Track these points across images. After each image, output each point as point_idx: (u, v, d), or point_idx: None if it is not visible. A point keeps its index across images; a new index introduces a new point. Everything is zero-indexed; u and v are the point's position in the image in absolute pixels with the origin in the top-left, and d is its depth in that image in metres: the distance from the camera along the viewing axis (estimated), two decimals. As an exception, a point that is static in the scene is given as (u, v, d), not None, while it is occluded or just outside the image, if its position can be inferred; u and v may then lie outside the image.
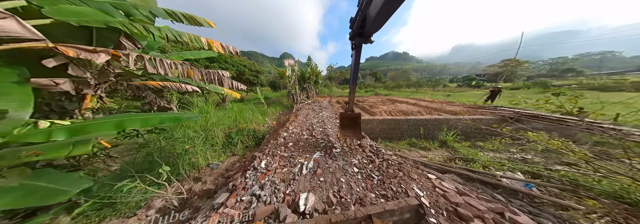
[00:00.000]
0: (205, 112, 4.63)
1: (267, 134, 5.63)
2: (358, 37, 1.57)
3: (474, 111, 6.31)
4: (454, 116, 5.71)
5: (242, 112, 6.07)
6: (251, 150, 4.29)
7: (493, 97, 8.33)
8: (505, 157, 3.57)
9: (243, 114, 5.84)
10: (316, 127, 4.09)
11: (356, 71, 1.98)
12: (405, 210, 1.20)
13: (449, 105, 8.02)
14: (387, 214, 1.15)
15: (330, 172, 1.96)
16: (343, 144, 2.72)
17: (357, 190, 1.64)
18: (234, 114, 5.36)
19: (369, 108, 7.20)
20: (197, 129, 4.01)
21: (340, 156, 2.32)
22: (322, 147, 2.63)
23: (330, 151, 2.49)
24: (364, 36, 1.54)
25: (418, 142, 4.86)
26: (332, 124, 4.43)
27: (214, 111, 4.83)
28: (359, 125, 2.43)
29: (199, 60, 9.43)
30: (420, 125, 5.70)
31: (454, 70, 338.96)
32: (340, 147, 2.55)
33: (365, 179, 1.83)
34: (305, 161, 2.19)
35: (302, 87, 11.61)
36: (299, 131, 3.82)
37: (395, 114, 6.29)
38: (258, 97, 9.05)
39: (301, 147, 2.74)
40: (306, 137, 3.33)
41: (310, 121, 5.03)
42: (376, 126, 5.81)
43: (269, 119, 8.15)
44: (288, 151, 2.55)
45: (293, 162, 2.20)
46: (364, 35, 1.52)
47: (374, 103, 8.85)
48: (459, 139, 4.67)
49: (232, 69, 11.54)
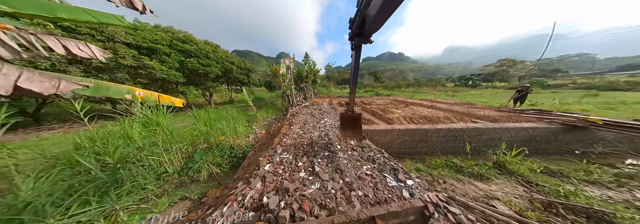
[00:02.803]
0: (153, 125, 3.06)
1: (251, 150, 4.12)
2: (357, 38, 1.57)
3: (515, 116, 5.03)
4: (498, 125, 4.39)
5: (216, 122, 4.51)
6: (222, 179, 2.79)
7: (522, 98, 7.14)
8: (629, 199, 2.23)
9: (218, 124, 4.28)
10: (319, 149, 2.62)
11: (356, 71, 1.95)
12: (410, 212, 1.15)
13: (471, 107, 6.76)
14: (391, 216, 1.11)
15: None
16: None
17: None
18: (200, 126, 3.81)
19: (381, 113, 5.79)
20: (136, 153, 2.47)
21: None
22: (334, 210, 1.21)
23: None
24: (363, 36, 1.53)
25: (460, 162, 3.48)
26: (345, 145, 2.98)
27: (168, 120, 3.27)
28: (360, 125, 2.44)
29: (171, 54, 7.71)
30: (455, 136, 4.34)
31: (447, 70, 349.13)
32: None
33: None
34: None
35: (299, 87, 10.18)
36: (289, 161, 2.33)
37: (417, 121, 4.91)
38: (245, 100, 7.45)
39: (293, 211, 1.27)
40: (303, 176, 1.86)
41: (310, 134, 3.55)
42: (396, 138, 4.42)
43: (258, 126, 6.61)
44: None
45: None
46: (364, 35, 1.52)
47: (384, 106, 7.46)
48: (520, 158, 3.31)
49: (216, 67, 9.85)
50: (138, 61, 6.46)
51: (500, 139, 4.34)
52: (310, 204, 1.38)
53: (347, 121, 2.48)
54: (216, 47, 10.87)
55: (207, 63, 9.09)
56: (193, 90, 8.90)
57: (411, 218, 1.15)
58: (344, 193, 1.54)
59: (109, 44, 5.86)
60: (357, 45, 1.73)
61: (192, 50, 8.26)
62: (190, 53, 8.30)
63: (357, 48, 1.77)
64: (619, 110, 7.76)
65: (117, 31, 6.02)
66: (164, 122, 3.16)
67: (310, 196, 1.48)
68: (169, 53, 7.57)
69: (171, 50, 7.64)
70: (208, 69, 9.19)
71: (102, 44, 5.70)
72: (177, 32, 8.40)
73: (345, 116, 2.46)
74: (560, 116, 4.55)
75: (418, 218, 1.16)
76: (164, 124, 3.16)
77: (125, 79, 6.39)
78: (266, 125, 6.93)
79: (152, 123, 3.02)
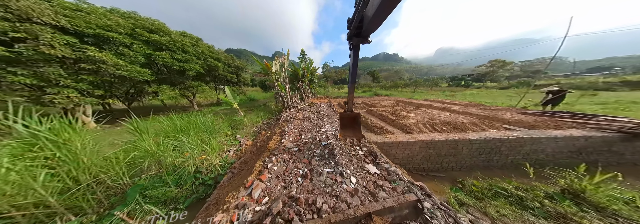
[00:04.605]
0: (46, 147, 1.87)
1: (228, 171, 3.03)
2: (356, 38, 1.59)
3: (551, 120, 4.25)
4: (543, 133, 3.55)
5: (182, 133, 3.34)
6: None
7: (556, 101, 6.46)
8: None
9: (182, 137, 3.11)
10: (320, 184, 1.58)
11: (355, 70, 1.97)
12: (404, 206, 1.15)
13: (489, 109, 6.01)
14: (386, 211, 1.11)
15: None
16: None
17: None
18: (146, 143, 2.63)
19: (393, 118, 4.83)
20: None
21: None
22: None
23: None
24: (361, 36, 1.56)
25: (513, 188, 2.57)
26: (362, 176, 1.96)
27: (88, 136, 2.07)
28: (359, 125, 2.44)
29: (132, 45, 6.21)
30: (491, 148, 3.46)
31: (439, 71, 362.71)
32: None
33: None
34: None
35: (296, 87, 9.08)
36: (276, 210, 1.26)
37: (439, 128, 3.99)
38: (229, 102, 6.21)
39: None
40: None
41: (308, 153, 2.49)
42: (418, 152, 3.47)
43: (245, 134, 5.43)
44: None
45: None
46: (362, 35, 1.55)
47: (392, 108, 6.53)
48: (576, 175, 2.43)
49: (197, 63, 8.46)
50: (78, 52, 5.00)
51: (544, 150, 3.52)
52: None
53: (346, 120, 2.50)
54: (197, 40, 9.46)
55: (184, 58, 7.69)
56: (167, 90, 7.48)
57: (405, 211, 1.17)
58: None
59: (23, 26, 4.24)
60: (356, 45, 1.74)
61: (162, 42, 6.83)
62: (160, 45, 6.89)
63: (356, 48, 1.78)
64: (633, 110, 7.36)
65: (36, 8, 4.39)
66: (75, 141, 1.97)
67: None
68: (129, 44, 6.16)
69: (133, 41, 6.24)
70: (186, 66, 7.83)
71: (9, 24, 4.13)
72: (144, 19, 6.93)
73: (344, 116, 2.48)
74: (609, 121, 3.80)
75: (412, 212, 1.18)
76: (76, 144, 1.96)
77: (59, 76, 4.89)
78: (255, 132, 5.76)
79: (45, 143, 1.82)
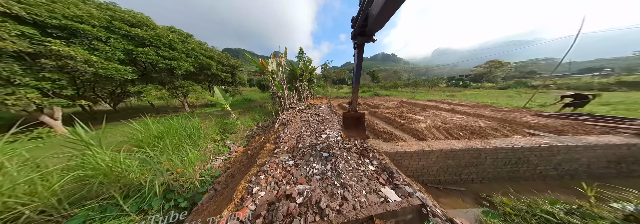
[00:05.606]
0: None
1: (210, 187, 2.51)
2: (360, 36, 1.57)
3: (578, 124, 3.82)
4: (579, 141, 3.10)
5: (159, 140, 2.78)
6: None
7: (577, 106, 6.05)
8: None
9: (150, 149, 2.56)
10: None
11: (359, 70, 1.93)
12: (408, 211, 1.13)
13: (501, 111, 5.58)
14: (389, 215, 1.08)
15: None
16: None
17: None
18: (96, 159, 2.06)
19: (401, 121, 4.33)
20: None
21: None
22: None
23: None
24: (365, 35, 1.54)
25: (553, 202, 2.09)
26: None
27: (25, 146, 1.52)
28: (363, 125, 2.40)
29: (109, 40, 5.50)
30: (519, 157, 3.00)
31: (436, 71, 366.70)
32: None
33: None
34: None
35: (294, 87, 8.54)
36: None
37: (455, 133, 3.52)
38: (219, 103, 5.62)
39: None
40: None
41: (306, 169, 1.97)
42: (435, 163, 2.98)
43: (236, 140, 4.88)
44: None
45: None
46: (366, 34, 1.52)
47: (398, 110, 6.04)
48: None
49: (186, 61, 7.82)
50: (38, 46, 4.26)
51: (578, 160, 3.07)
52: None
53: (350, 120, 2.46)
54: (187, 36, 8.80)
55: (171, 56, 7.05)
56: (152, 90, 6.82)
57: (409, 216, 1.14)
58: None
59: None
60: (360, 45, 1.71)
61: (145, 36, 6.17)
62: (142, 41, 6.23)
63: (360, 47, 1.75)
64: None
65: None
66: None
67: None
68: (105, 38, 5.49)
69: (110, 35, 5.59)
70: (174, 64, 7.19)
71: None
72: (125, 11, 6.24)
73: (348, 116, 2.44)
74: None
75: (415, 217, 1.15)
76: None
77: (14, 73, 4.14)
78: (248, 137, 5.21)
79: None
